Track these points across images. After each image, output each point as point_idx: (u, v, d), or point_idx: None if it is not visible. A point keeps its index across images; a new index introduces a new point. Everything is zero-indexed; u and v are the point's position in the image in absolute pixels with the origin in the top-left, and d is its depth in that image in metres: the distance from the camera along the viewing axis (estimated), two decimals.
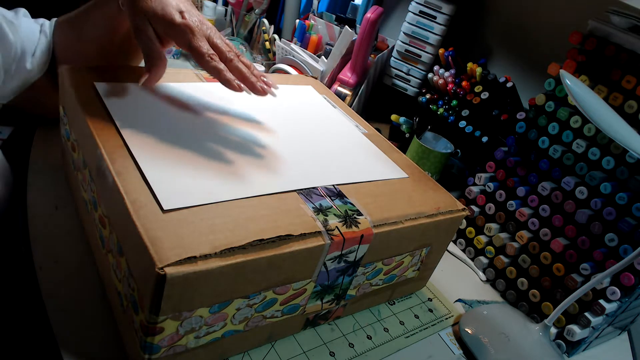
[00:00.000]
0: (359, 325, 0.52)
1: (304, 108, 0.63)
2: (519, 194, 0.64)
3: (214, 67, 0.48)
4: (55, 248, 0.49)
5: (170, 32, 0.49)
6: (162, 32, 0.49)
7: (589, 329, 0.55)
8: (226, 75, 0.49)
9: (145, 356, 0.37)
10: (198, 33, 0.49)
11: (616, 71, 0.56)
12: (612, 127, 0.45)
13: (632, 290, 0.53)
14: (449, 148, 0.77)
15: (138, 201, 0.37)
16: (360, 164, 0.53)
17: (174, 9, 0.49)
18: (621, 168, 0.55)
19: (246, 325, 0.42)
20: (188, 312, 0.36)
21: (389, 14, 1.10)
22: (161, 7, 0.48)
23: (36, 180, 0.57)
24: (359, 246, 0.43)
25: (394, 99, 0.98)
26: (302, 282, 0.42)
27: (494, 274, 0.66)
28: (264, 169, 0.46)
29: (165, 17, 0.48)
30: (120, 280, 0.39)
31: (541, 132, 0.63)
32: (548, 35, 0.81)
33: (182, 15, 0.49)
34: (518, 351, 0.52)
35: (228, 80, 0.49)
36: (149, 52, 0.49)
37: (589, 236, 0.57)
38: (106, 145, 0.42)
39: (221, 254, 0.35)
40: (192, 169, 0.43)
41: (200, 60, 0.49)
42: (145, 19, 0.48)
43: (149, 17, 0.48)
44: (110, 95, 0.49)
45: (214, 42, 0.50)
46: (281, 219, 0.40)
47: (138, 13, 0.48)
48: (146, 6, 0.48)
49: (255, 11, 1.08)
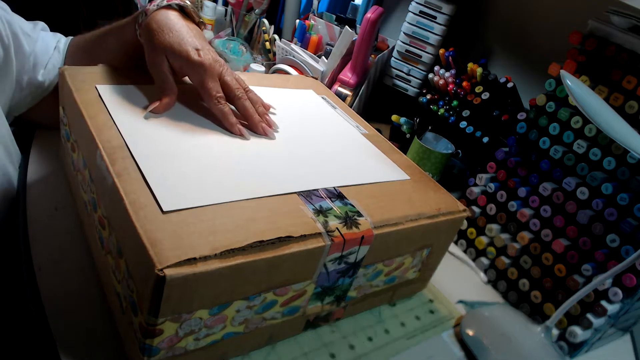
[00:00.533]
0: (360, 327, 0.52)
1: (304, 109, 0.63)
2: (520, 194, 0.64)
3: (219, 110, 0.51)
4: (55, 248, 0.48)
5: (185, 68, 0.51)
6: (177, 67, 0.51)
7: (591, 331, 0.55)
8: (230, 119, 0.51)
9: (144, 358, 0.36)
10: (211, 72, 0.51)
11: (617, 71, 0.56)
12: (613, 127, 0.45)
13: (635, 292, 0.53)
14: (449, 148, 0.77)
15: (138, 202, 0.37)
16: (360, 166, 0.53)
17: (190, 46, 0.50)
18: (622, 168, 0.55)
19: (246, 327, 0.41)
20: (187, 313, 0.36)
21: (389, 14, 1.10)
22: (178, 42, 0.50)
23: (36, 180, 0.57)
24: (359, 247, 0.43)
25: (394, 100, 0.98)
26: (303, 284, 0.42)
27: (495, 275, 0.66)
28: (264, 171, 0.46)
29: (182, 54, 0.50)
30: (120, 282, 0.39)
31: (542, 133, 0.63)
32: (548, 35, 0.81)
33: (198, 53, 0.50)
34: (519, 353, 0.52)
35: (231, 125, 0.51)
36: (162, 85, 0.51)
37: (590, 237, 0.57)
38: (106, 146, 0.42)
39: (221, 255, 0.35)
40: (192, 170, 0.43)
41: (208, 101, 0.51)
42: (163, 54, 0.50)
43: (166, 53, 0.50)
44: (111, 97, 0.49)
45: (225, 80, 0.52)
46: (281, 220, 0.40)
47: (156, 48, 0.50)
48: (164, 41, 0.50)
49: (255, 11, 1.08)
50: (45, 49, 0.61)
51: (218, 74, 0.52)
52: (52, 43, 0.62)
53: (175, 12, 0.53)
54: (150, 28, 0.51)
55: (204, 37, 0.54)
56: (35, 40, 0.60)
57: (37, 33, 0.61)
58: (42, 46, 0.60)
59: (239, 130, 0.51)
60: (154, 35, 0.50)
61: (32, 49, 0.59)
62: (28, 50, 0.58)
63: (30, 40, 0.59)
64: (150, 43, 0.51)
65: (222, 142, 0.49)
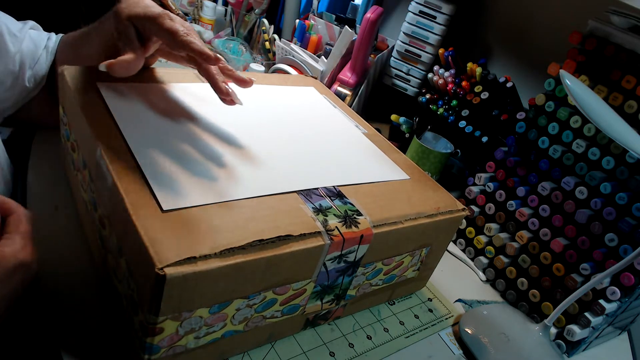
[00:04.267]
0: (359, 326, 0.52)
1: (304, 108, 0.63)
2: (519, 194, 0.64)
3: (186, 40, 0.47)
4: (55, 248, 0.49)
5: (147, 24, 0.48)
6: (141, 27, 0.49)
7: (588, 329, 0.55)
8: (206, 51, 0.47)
9: (144, 357, 0.37)
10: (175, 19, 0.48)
11: (616, 71, 0.56)
12: (612, 127, 0.45)
13: (632, 290, 0.53)
14: (448, 148, 0.77)
15: (138, 202, 0.37)
16: (360, 165, 0.53)
17: (157, 8, 0.49)
18: (621, 168, 0.55)
19: (246, 325, 0.42)
20: (188, 312, 0.36)
21: (389, 14, 1.10)
22: (144, 8, 0.49)
23: (36, 180, 0.57)
24: (358, 246, 0.43)
25: (394, 99, 0.98)
26: (302, 283, 0.42)
27: (494, 274, 0.66)
28: (264, 170, 0.46)
29: (146, 13, 0.48)
30: (120, 281, 0.39)
31: (541, 132, 0.63)
32: (548, 35, 0.81)
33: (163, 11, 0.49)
34: (518, 351, 0.52)
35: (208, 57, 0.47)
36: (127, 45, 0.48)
37: (589, 236, 0.57)
38: (106, 145, 0.42)
39: (221, 254, 0.35)
40: (192, 169, 0.43)
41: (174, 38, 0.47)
42: (129, 22, 0.49)
43: (132, 20, 0.49)
44: (112, 96, 0.49)
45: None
46: (281, 219, 0.40)
47: (121, 19, 0.49)
48: (130, 11, 0.49)
49: (255, 11, 1.08)
50: (34, 48, 0.59)
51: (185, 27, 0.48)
52: (42, 42, 0.61)
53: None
54: (119, 7, 0.50)
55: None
56: (22, 40, 0.58)
57: (24, 33, 0.59)
58: (29, 47, 0.59)
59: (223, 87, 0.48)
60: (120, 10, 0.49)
61: (17, 49, 0.58)
62: (13, 50, 0.57)
63: (16, 40, 0.58)
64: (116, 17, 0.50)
65: (222, 142, 0.49)
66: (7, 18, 0.59)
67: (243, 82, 0.52)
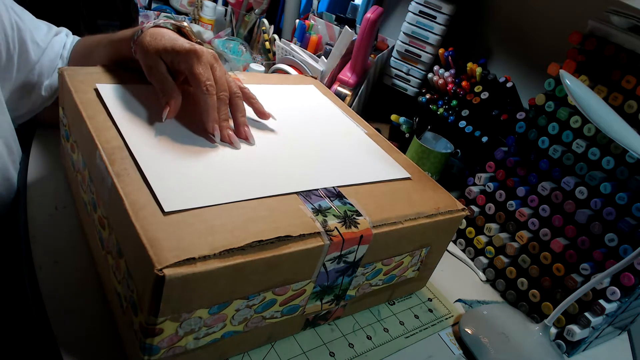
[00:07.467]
0: (359, 326, 0.52)
1: (304, 108, 0.63)
2: (519, 194, 0.64)
3: (204, 99, 0.48)
4: (55, 248, 0.49)
5: (176, 58, 0.49)
6: (170, 61, 0.49)
7: (588, 329, 0.55)
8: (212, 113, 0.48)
9: (144, 357, 0.37)
10: (202, 59, 0.49)
11: (616, 71, 0.56)
12: (612, 127, 0.45)
13: (632, 290, 0.53)
14: (448, 148, 0.77)
15: (137, 203, 0.37)
16: (360, 165, 0.53)
17: (184, 41, 0.50)
18: (621, 168, 0.55)
19: (246, 326, 0.42)
20: (187, 313, 0.36)
21: (389, 14, 1.10)
22: (171, 42, 0.49)
23: (36, 180, 0.57)
24: (358, 246, 0.43)
25: (393, 99, 0.98)
26: (302, 283, 0.42)
27: (494, 274, 0.66)
28: (264, 171, 0.46)
29: (174, 47, 0.49)
30: (120, 282, 0.39)
31: (541, 132, 0.63)
32: (548, 35, 0.81)
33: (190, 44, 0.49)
34: (518, 351, 0.52)
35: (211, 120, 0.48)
36: (162, 87, 0.49)
37: (588, 236, 0.57)
38: (105, 146, 0.42)
39: (220, 255, 0.35)
40: (192, 170, 0.43)
41: (196, 87, 0.48)
42: (157, 57, 0.49)
43: (161, 54, 0.49)
44: (111, 97, 0.49)
45: (216, 75, 0.49)
46: (280, 220, 0.40)
47: (150, 53, 0.49)
48: (158, 44, 0.49)
49: (255, 11, 1.08)
50: (53, 58, 0.61)
51: (210, 64, 0.49)
52: (60, 51, 0.62)
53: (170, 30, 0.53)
54: (144, 41, 0.50)
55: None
56: (44, 49, 0.59)
57: (47, 41, 0.60)
58: (49, 55, 0.60)
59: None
60: (146, 44, 0.50)
61: (38, 58, 0.59)
62: (34, 60, 0.58)
63: (38, 49, 0.59)
64: (143, 51, 0.50)
65: (221, 142, 0.49)
66: (33, 22, 0.60)
67: (262, 114, 0.55)
